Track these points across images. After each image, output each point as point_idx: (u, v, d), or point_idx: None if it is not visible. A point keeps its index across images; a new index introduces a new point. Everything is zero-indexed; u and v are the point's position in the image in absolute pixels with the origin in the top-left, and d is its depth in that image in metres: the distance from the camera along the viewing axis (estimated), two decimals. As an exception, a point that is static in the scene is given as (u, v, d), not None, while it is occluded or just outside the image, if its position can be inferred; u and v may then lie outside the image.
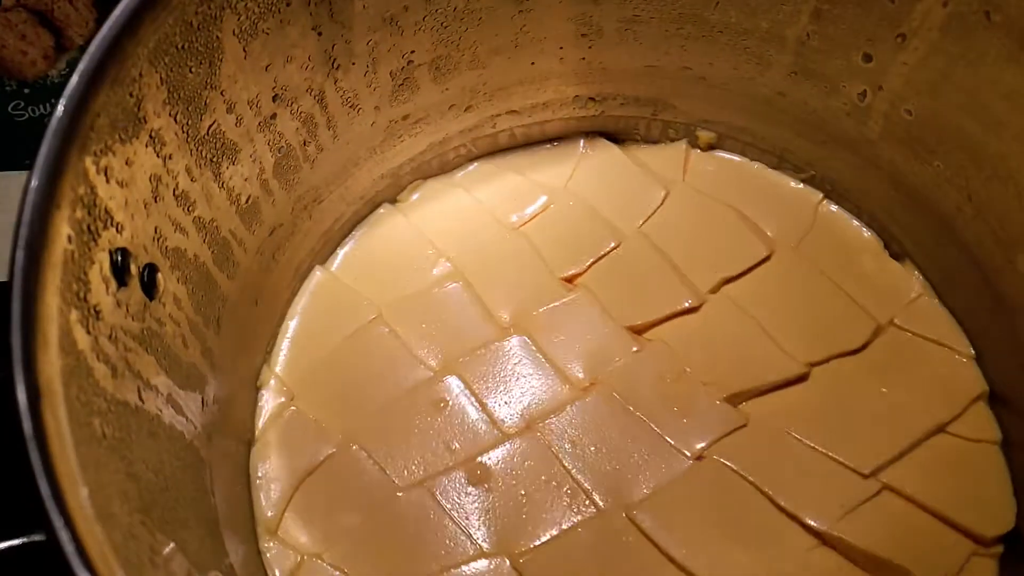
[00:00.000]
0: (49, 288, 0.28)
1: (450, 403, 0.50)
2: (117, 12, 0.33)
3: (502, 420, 0.50)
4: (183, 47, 0.37)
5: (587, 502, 0.47)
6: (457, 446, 0.49)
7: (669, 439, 0.48)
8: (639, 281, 0.54)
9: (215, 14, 0.38)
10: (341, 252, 0.58)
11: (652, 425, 0.49)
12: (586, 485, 0.47)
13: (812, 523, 0.45)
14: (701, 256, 0.54)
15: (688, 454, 0.48)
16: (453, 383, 0.51)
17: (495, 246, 0.56)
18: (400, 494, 0.47)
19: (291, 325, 0.54)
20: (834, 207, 0.57)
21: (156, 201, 0.37)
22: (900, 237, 0.54)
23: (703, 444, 0.48)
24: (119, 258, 0.34)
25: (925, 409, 0.48)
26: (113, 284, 0.33)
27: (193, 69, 0.38)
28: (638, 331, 0.52)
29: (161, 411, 0.37)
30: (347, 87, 0.49)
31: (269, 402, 0.51)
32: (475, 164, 0.61)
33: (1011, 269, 0.45)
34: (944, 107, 0.46)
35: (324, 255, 0.57)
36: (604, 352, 0.51)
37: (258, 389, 0.51)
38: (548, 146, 0.62)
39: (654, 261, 0.55)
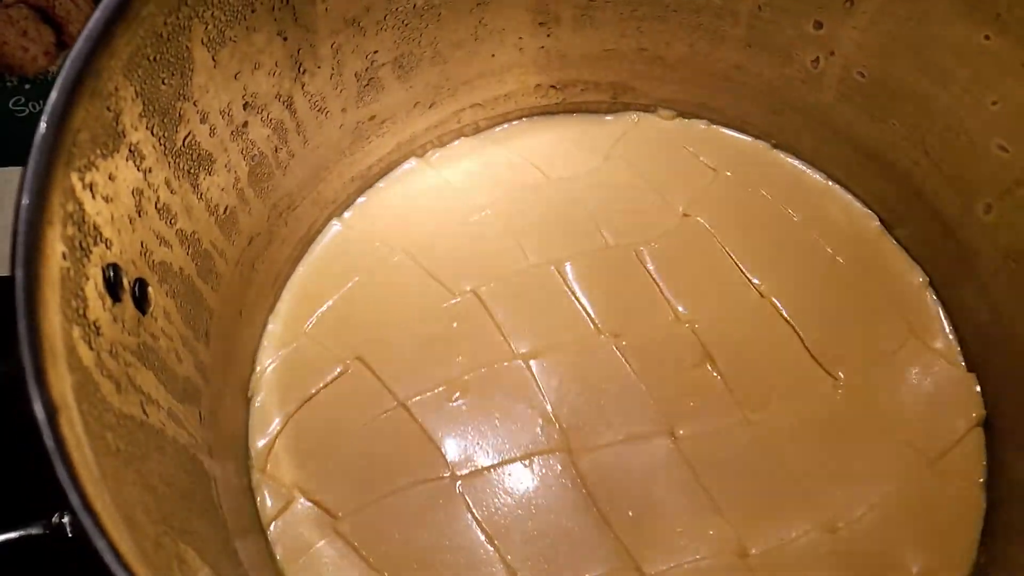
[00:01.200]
0: (51, 305, 0.28)
1: (465, 322, 0.52)
2: (90, 25, 0.32)
3: (510, 342, 0.51)
4: (155, 59, 0.37)
5: (551, 435, 0.48)
6: (458, 362, 0.50)
7: (653, 412, 0.49)
8: (683, 253, 0.55)
9: (183, 24, 0.38)
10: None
11: (647, 393, 0.49)
12: (554, 421, 0.48)
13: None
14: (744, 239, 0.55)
15: (659, 432, 0.48)
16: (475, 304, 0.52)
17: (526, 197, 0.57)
18: (389, 411, 0.49)
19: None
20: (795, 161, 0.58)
21: (140, 215, 0.37)
22: (862, 195, 0.56)
23: (683, 431, 0.48)
24: (111, 274, 0.34)
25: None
26: (108, 300, 0.33)
27: (166, 80, 0.38)
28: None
29: (164, 425, 0.37)
30: (314, 91, 0.49)
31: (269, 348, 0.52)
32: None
33: (969, 214, 0.47)
34: (895, 67, 0.48)
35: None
36: (631, 310, 0.52)
37: (249, 399, 0.51)
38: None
39: (702, 239, 0.55)
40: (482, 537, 0.46)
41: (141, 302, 0.36)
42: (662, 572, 0.44)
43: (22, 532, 0.31)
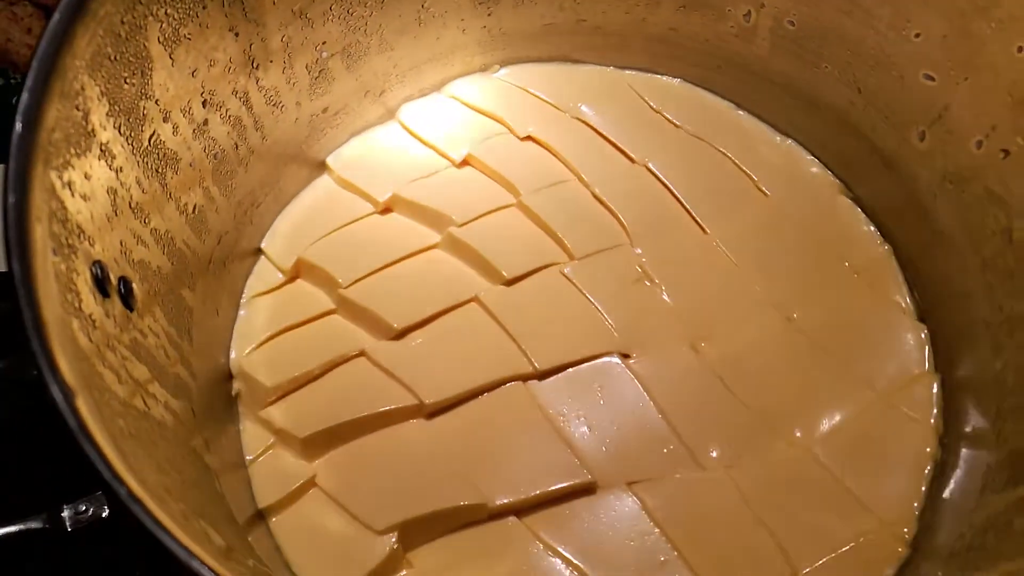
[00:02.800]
0: (49, 298, 0.29)
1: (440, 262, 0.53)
2: (51, 26, 0.33)
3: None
4: (115, 58, 0.37)
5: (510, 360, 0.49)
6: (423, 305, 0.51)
7: (610, 323, 0.51)
8: (640, 197, 0.56)
9: (139, 23, 0.38)
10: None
11: (600, 310, 0.51)
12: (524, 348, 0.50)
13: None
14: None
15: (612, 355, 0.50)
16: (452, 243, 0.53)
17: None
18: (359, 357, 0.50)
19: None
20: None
21: (117, 214, 0.38)
22: (804, 142, 0.58)
23: (636, 354, 0.50)
24: (98, 271, 0.34)
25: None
26: (98, 295, 0.34)
27: (128, 80, 0.38)
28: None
29: (164, 418, 0.37)
30: (268, 85, 0.50)
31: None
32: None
33: (905, 143, 0.50)
34: (822, 12, 0.51)
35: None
36: (589, 238, 0.54)
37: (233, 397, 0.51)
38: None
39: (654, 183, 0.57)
40: (454, 469, 0.47)
41: (127, 299, 0.37)
42: (629, 483, 0.46)
43: (22, 526, 0.31)
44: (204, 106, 0.45)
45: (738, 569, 0.44)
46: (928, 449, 0.47)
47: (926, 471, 0.47)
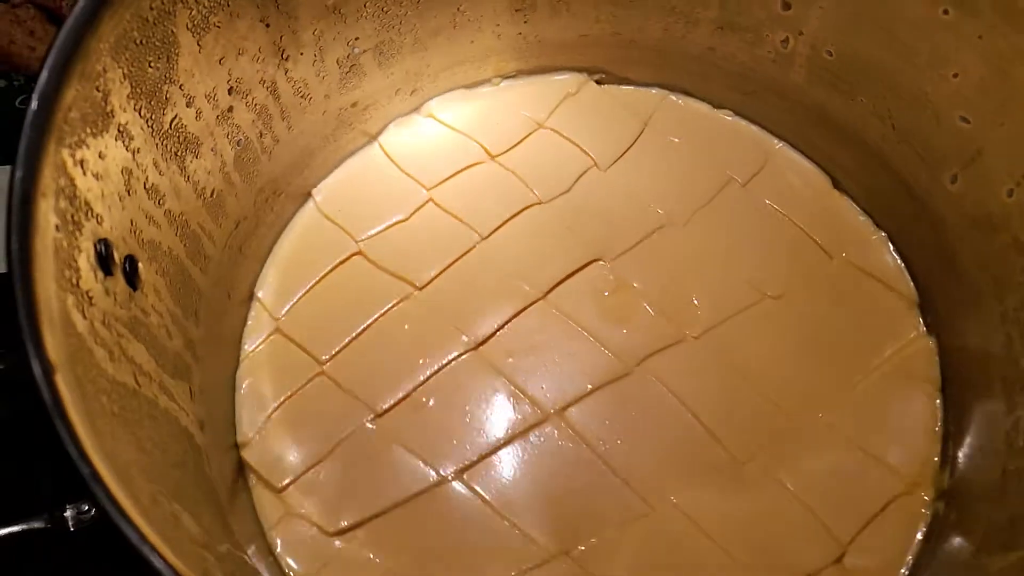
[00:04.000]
0: (45, 273, 0.29)
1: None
2: (77, 9, 0.34)
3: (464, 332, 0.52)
4: (141, 42, 0.38)
5: (527, 408, 0.50)
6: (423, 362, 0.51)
7: (605, 349, 0.51)
8: (609, 212, 0.56)
9: (168, 9, 0.39)
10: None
11: (588, 335, 0.51)
12: (529, 392, 0.50)
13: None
14: (668, 191, 0.57)
15: (620, 361, 0.50)
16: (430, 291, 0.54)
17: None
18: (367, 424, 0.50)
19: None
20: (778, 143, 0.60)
21: (129, 194, 0.38)
22: (831, 170, 0.57)
23: (638, 356, 0.51)
24: (103, 248, 0.35)
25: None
26: (100, 273, 0.34)
27: (152, 64, 0.39)
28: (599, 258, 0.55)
29: (156, 397, 0.38)
30: (297, 77, 0.51)
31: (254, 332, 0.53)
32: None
33: (938, 186, 0.49)
34: (861, 44, 0.50)
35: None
36: (553, 268, 0.54)
37: (236, 382, 0.52)
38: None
39: (625, 194, 0.57)
40: (494, 516, 0.47)
41: (132, 277, 0.38)
42: (672, 497, 0.47)
43: (25, 526, 0.31)
44: (230, 93, 0.46)
45: (790, 557, 0.46)
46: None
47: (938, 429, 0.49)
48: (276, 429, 0.50)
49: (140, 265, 0.39)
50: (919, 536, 0.46)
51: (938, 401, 0.50)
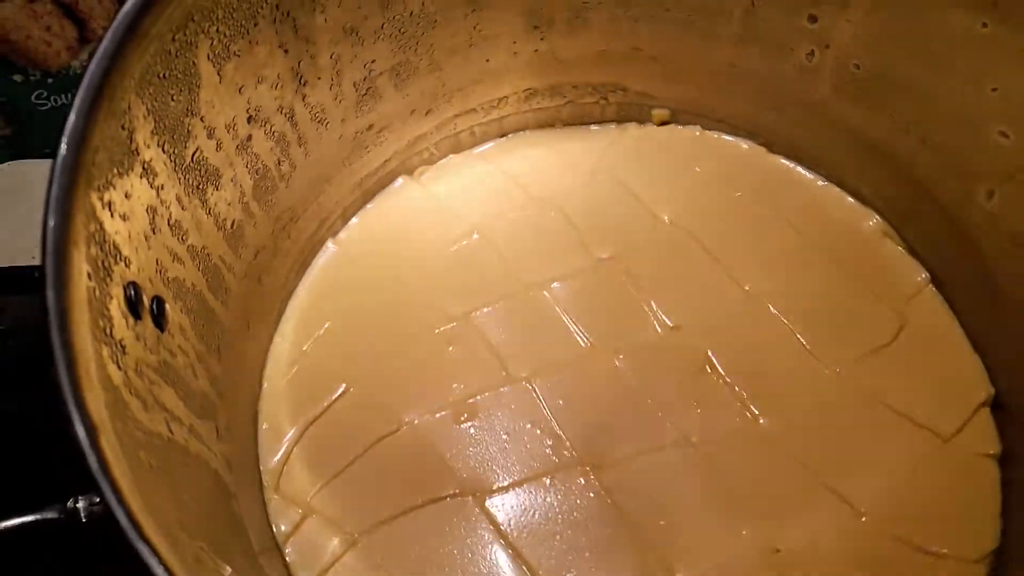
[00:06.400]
0: (81, 326, 0.28)
1: (460, 346, 0.52)
2: (103, 46, 0.32)
3: (507, 366, 0.51)
4: (164, 76, 0.37)
5: (564, 453, 0.48)
6: (457, 386, 0.50)
7: (668, 422, 0.49)
8: (671, 263, 0.55)
9: (191, 40, 0.38)
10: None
11: (654, 405, 0.49)
12: (566, 439, 0.48)
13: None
14: (732, 243, 0.55)
15: (677, 435, 0.48)
16: (469, 328, 0.52)
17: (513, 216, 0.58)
18: (397, 431, 0.49)
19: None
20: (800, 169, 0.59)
21: (154, 232, 0.37)
22: (858, 186, 0.56)
23: (696, 438, 0.48)
24: (132, 292, 0.34)
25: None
26: (130, 318, 0.33)
27: (174, 97, 0.38)
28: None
29: (187, 442, 0.37)
30: (314, 102, 0.49)
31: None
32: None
33: (970, 201, 0.48)
34: (891, 58, 0.49)
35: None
36: (624, 325, 0.52)
37: (257, 416, 0.51)
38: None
39: (689, 247, 0.55)
40: (508, 552, 0.45)
41: (159, 319, 0.36)
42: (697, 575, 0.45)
43: (37, 516, 0.31)
44: (249, 122, 0.45)
45: None
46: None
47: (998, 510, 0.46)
48: (298, 463, 0.48)
49: (167, 305, 0.37)
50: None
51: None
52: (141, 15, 0.34)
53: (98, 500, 0.30)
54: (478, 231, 0.57)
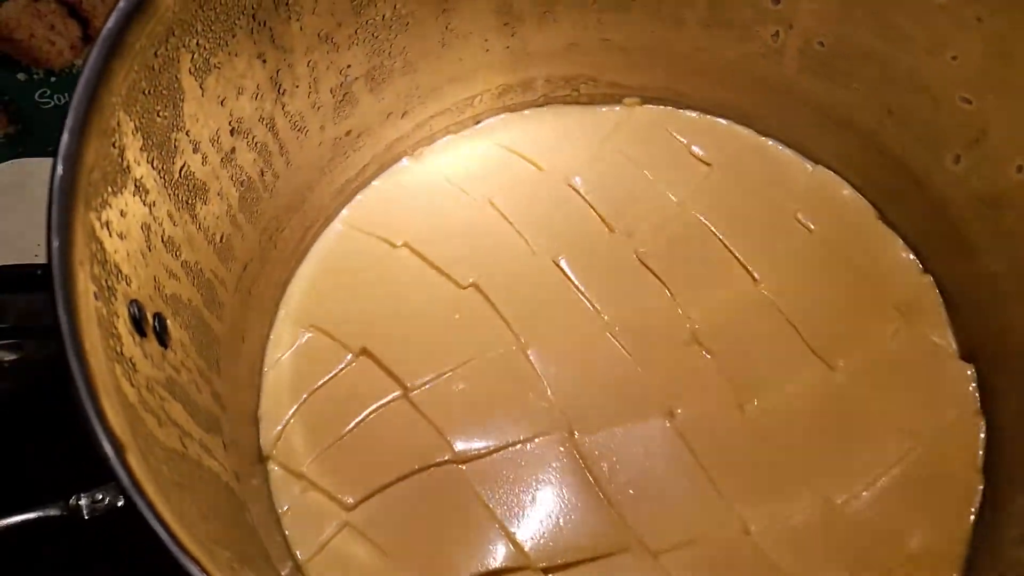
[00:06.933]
0: (94, 344, 0.28)
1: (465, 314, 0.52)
2: (90, 64, 0.32)
3: (514, 331, 0.51)
4: (149, 92, 0.36)
5: (555, 419, 0.49)
6: (462, 351, 0.51)
7: (650, 394, 0.50)
8: (685, 248, 0.55)
9: (172, 55, 0.38)
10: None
11: (644, 376, 0.50)
12: (558, 407, 0.49)
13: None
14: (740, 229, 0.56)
15: (657, 413, 0.49)
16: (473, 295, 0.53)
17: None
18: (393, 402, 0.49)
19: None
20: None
21: (151, 250, 0.37)
22: (828, 160, 0.58)
23: (680, 411, 0.49)
24: (135, 310, 0.34)
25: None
26: (136, 336, 0.33)
27: (160, 113, 0.38)
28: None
29: (201, 457, 0.37)
30: (294, 111, 0.49)
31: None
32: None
33: (939, 168, 0.50)
34: (853, 33, 0.50)
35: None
36: (628, 299, 0.53)
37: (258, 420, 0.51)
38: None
39: (699, 231, 0.56)
40: (487, 517, 0.46)
41: (162, 336, 0.36)
42: (663, 549, 0.45)
43: (40, 513, 0.31)
44: (232, 134, 0.45)
45: None
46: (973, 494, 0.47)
47: (971, 520, 0.46)
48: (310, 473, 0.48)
49: (168, 322, 0.37)
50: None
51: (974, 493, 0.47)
52: (124, 30, 0.34)
53: (101, 497, 0.31)
54: (487, 202, 0.57)
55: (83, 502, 0.30)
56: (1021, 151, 0.44)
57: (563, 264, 0.54)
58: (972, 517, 0.46)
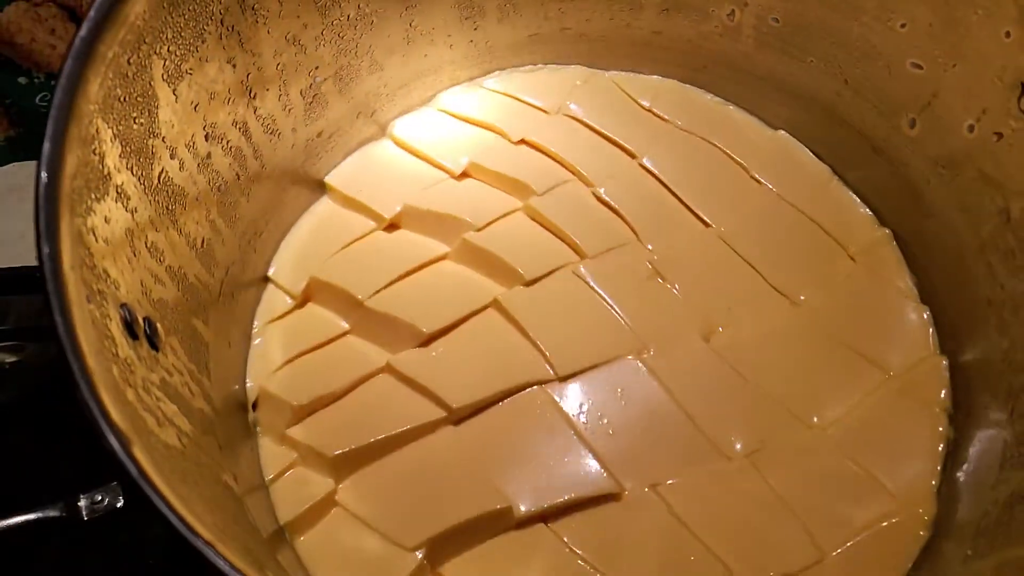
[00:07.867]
0: (91, 346, 0.29)
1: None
2: (65, 73, 0.33)
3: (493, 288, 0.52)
4: (124, 99, 0.37)
5: (542, 370, 0.49)
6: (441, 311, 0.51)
7: (626, 322, 0.51)
8: (646, 197, 0.56)
9: (144, 62, 0.38)
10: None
11: (616, 310, 0.51)
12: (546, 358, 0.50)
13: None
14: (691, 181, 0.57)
15: (631, 355, 0.50)
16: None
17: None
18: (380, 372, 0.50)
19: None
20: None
21: (136, 255, 0.37)
22: (793, 134, 0.59)
23: (653, 350, 0.50)
24: (127, 314, 0.34)
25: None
26: (129, 338, 0.34)
27: (136, 119, 0.38)
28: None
29: (199, 456, 0.37)
30: (265, 113, 0.50)
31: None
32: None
33: (897, 133, 0.51)
34: (806, 7, 0.52)
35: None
36: (597, 240, 0.54)
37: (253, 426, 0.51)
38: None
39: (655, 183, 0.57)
40: (478, 468, 0.47)
41: (153, 339, 0.37)
42: (654, 485, 0.47)
43: (40, 514, 0.31)
44: (207, 139, 0.45)
45: (767, 557, 0.45)
46: (940, 429, 0.48)
47: (940, 450, 0.48)
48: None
49: (158, 325, 0.38)
50: (908, 561, 0.45)
51: (941, 428, 0.48)
52: (95, 39, 0.34)
53: (100, 498, 0.31)
54: (462, 169, 0.58)
55: (82, 503, 0.31)
56: (971, 111, 0.46)
57: (534, 204, 0.55)
58: (940, 452, 0.48)
